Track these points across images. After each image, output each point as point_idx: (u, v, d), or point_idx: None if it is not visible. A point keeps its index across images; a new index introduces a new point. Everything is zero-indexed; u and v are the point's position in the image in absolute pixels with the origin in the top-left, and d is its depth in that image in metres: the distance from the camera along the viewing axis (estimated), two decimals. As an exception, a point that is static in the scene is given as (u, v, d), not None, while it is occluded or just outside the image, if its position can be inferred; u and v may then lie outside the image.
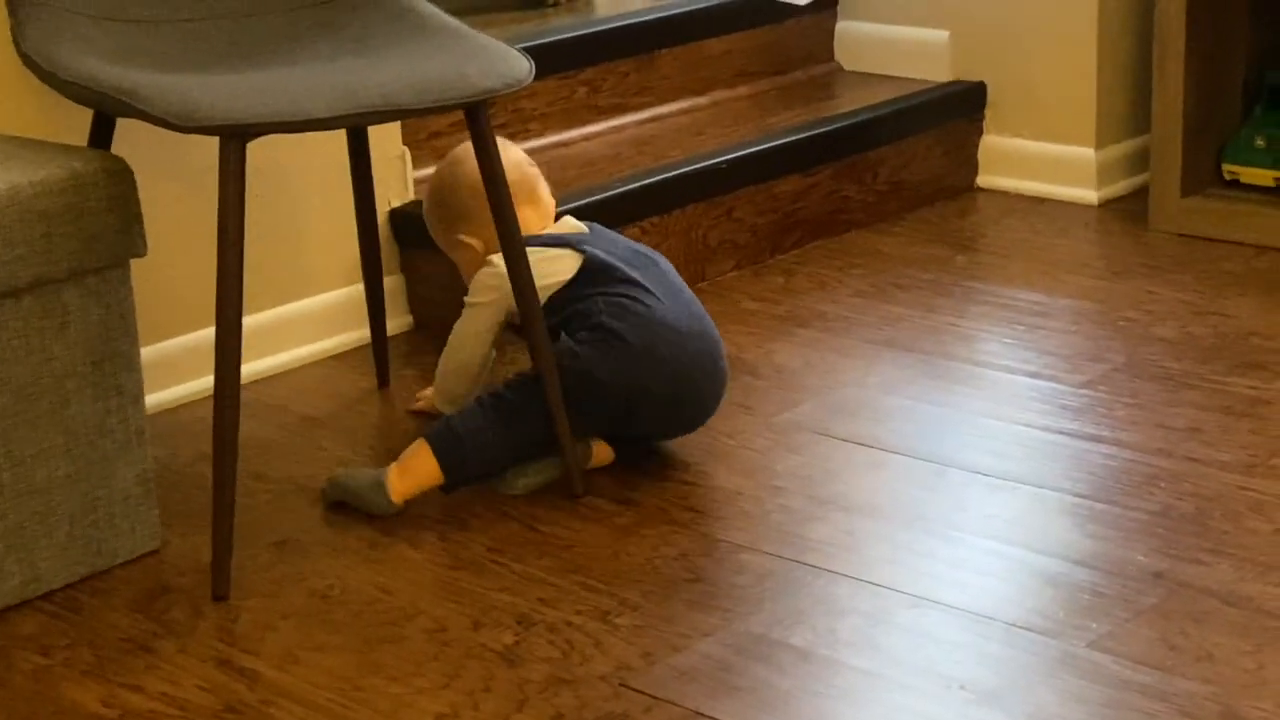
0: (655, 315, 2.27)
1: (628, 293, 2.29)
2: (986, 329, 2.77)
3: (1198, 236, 3.11)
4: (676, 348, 2.27)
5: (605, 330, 2.26)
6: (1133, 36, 3.30)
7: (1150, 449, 2.33)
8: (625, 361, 2.25)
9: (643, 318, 2.26)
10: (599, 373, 2.25)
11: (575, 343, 2.27)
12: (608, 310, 2.27)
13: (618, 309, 2.27)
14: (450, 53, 2.16)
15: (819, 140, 3.17)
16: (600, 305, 2.28)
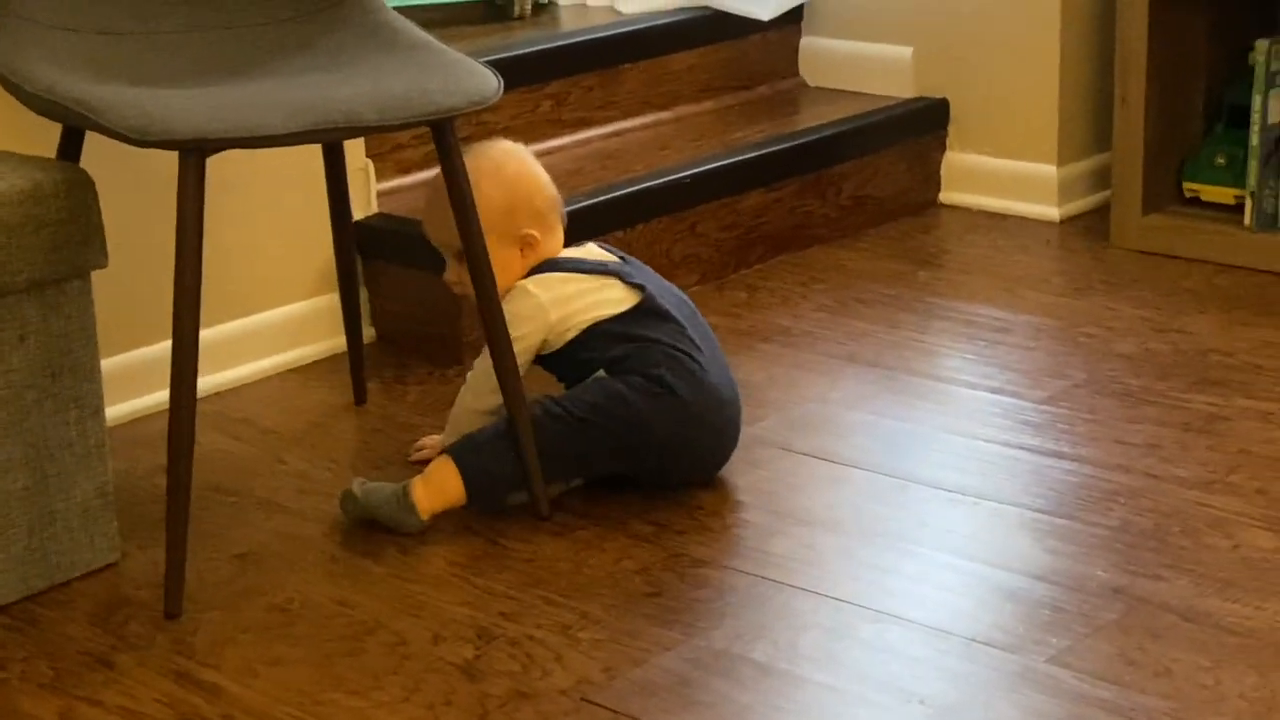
0: (707, 378, 2.25)
1: (683, 346, 2.25)
2: (948, 344, 2.78)
3: (1158, 254, 3.13)
4: (718, 414, 2.27)
5: (664, 385, 2.22)
6: (1095, 55, 3.32)
7: (1110, 465, 2.34)
8: (677, 418, 2.23)
9: (696, 378, 2.24)
10: (652, 423, 2.22)
11: (627, 387, 2.22)
12: (667, 364, 2.23)
13: (676, 364, 2.24)
14: (418, 69, 2.15)
15: (783, 155, 3.18)
16: (658, 356, 2.23)
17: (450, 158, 2.16)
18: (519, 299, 2.29)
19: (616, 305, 2.28)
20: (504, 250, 2.29)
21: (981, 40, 3.37)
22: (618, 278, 2.30)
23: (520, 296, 2.29)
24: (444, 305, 2.75)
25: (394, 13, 2.30)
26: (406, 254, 2.77)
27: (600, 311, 2.27)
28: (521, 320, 2.27)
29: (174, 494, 2.02)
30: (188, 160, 1.99)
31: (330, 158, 2.47)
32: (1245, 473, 2.30)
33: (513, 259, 2.31)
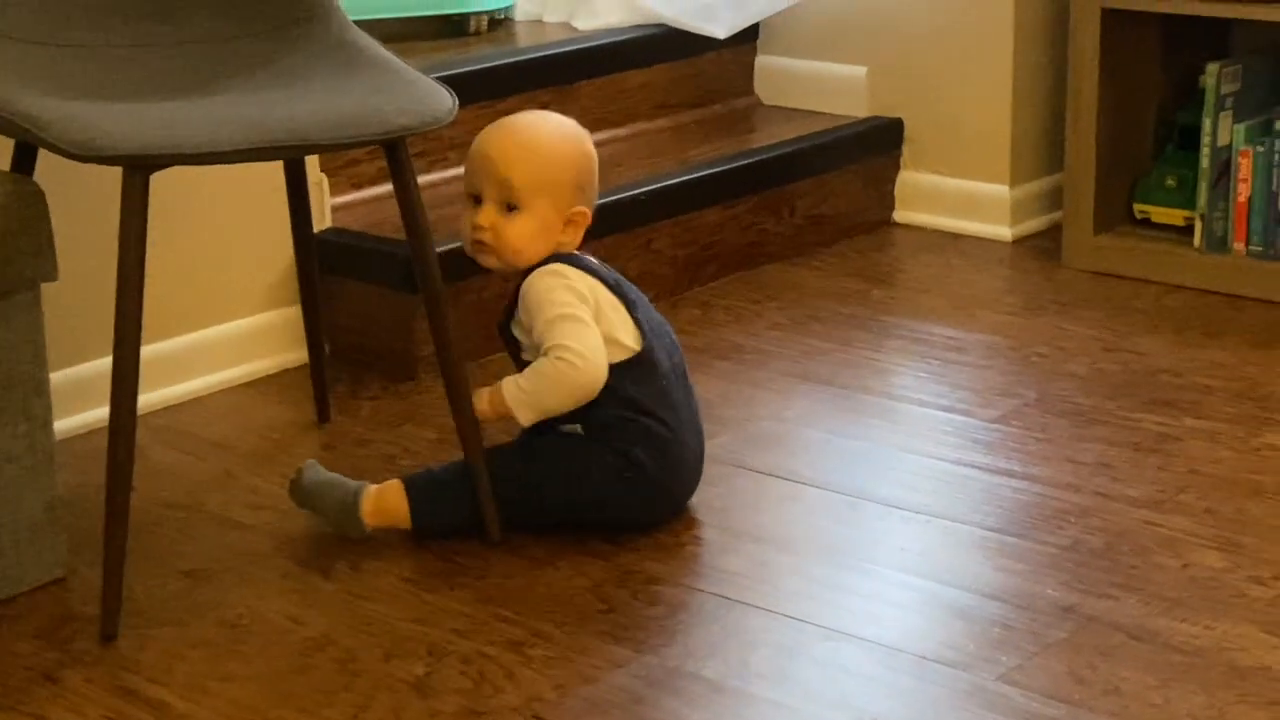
0: (680, 450, 2.20)
1: (664, 415, 2.18)
2: (902, 363, 2.78)
3: (1109, 274, 3.15)
4: (683, 483, 2.25)
5: (635, 465, 2.17)
6: (1047, 76, 3.34)
7: (1060, 484, 2.35)
8: (641, 496, 2.19)
9: (670, 452, 2.19)
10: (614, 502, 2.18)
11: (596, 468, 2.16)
12: (644, 441, 2.17)
13: (652, 440, 2.17)
14: (373, 88, 2.14)
15: (738, 173, 3.18)
16: (636, 434, 2.16)
17: (403, 176, 2.15)
18: (548, 278, 2.16)
19: (622, 349, 2.18)
20: (551, 216, 2.18)
21: (936, 61, 3.38)
22: (630, 313, 2.21)
23: (550, 276, 2.16)
24: (397, 320, 2.74)
25: (358, 31, 2.28)
26: (360, 268, 2.77)
27: (610, 346, 2.17)
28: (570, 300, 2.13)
29: (112, 514, 2.00)
30: (131, 177, 1.97)
31: (291, 172, 2.45)
32: (1194, 492, 2.31)
33: (553, 229, 2.18)
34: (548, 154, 2.19)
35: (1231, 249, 3.07)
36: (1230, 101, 3.05)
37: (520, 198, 2.17)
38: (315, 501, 2.20)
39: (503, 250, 2.19)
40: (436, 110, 2.12)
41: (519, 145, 2.18)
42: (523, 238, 2.18)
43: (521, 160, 2.17)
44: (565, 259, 2.20)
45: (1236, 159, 3.03)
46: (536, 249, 2.19)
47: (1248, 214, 3.04)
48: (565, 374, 2.14)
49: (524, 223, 2.18)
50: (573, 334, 2.14)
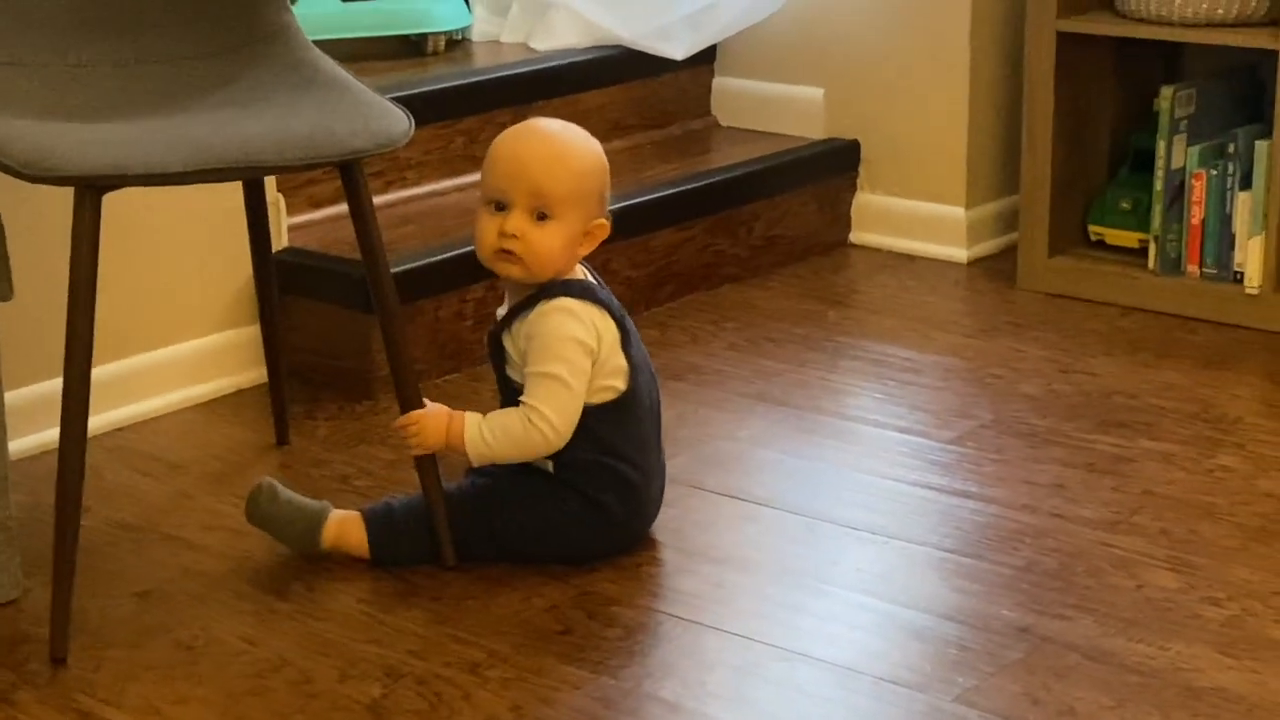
0: (647, 493, 2.20)
1: (638, 460, 2.17)
2: (858, 384, 2.79)
3: (1064, 296, 3.17)
4: (645, 522, 2.24)
5: (602, 510, 2.16)
6: (1003, 99, 3.36)
7: (1016, 505, 2.36)
8: (603, 536, 2.18)
9: (637, 496, 2.18)
10: (577, 546, 2.18)
11: (563, 515, 2.15)
12: (615, 487, 2.16)
13: (623, 486, 2.16)
14: (329, 109, 2.13)
15: (694, 194, 3.19)
16: (608, 480, 2.15)
17: (358, 198, 2.14)
18: (566, 318, 2.12)
19: (611, 390, 2.16)
20: (574, 228, 2.13)
21: (892, 83, 3.40)
22: (624, 344, 2.18)
23: (567, 316, 2.13)
24: (354, 340, 2.74)
25: (317, 51, 2.28)
26: (317, 288, 2.76)
27: (599, 392, 2.15)
28: (564, 347, 2.11)
29: (62, 535, 1.99)
30: (82, 197, 1.96)
31: (250, 191, 2.44)
32: (1149, 513, 2.33)
33: (574, 242, 2.14)
34: (581, 164, 2.15)
35: (1185, 271, 3.09)
36: (1184, 124, 3.07)
37: (554, 207, 2.12)
38: (273, 526, 2.19)
39: (531, 260, 2.13)
40: (392, 132, 2.11)
41: (556, 155, 2.13)
42: (553, 248, 2.12)
43: (559, 170, 2.12)
44: (581, 290, 2.16)
45: (1190, 182, 3.05)
46: (564, 260, 2.15)
47: (1201, 236, 3.06)
48: (533, 442, 2.13)
49: (555, 232, 2.12)
50: (557, 402, 2.11)
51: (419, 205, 3.09)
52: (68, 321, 1.99)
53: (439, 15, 3.38)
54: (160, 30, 2.29)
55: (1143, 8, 3.04)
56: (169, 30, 2.29)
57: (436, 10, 3.38)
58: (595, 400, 2.16)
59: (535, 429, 2.12)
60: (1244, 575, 2.16)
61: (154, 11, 2.29)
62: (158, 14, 2.29)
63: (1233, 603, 2.10)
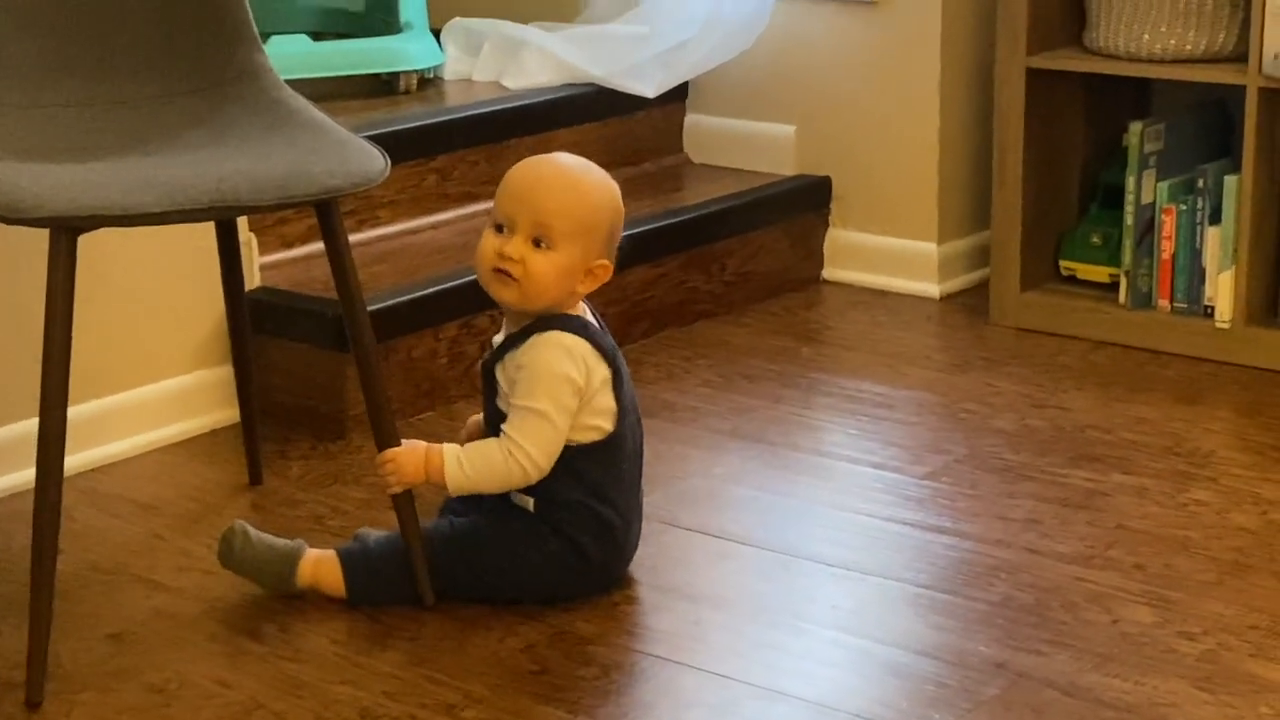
0: (627, 536, 2.20)
1: (619, 503, 2.17)
2: (831, 420, 2.79)
3: (1036, 331, 3.17)
4: (623, 564, 2.24)
5: (581, 554, 2.15)
6: (973, 135, 3.38)
7: (990, 540, 2.36)
8: (581, 580, 2.18)
9: (616, 540, 2.18)
10: (557, 589, 2.17)
11: (543, 558, 2.14)
12: (595, 530, 2.15)
13: (603, 530, 2.16)
14: (304, 148, 2.13)
15: (668, 231, 3.19)
16: (590, 522, 2.15)
17: (335, 237, 2.13)
18: (559, 354, 2.12)
19: (597, 431, 2.15)
20: (574, 261, 2.12)
21: (863, 120, 3.41)
22: (614, 383, 2.17)
23: (560, 351, 2.12)
24: (328, 379, 2.73)
25: (291, 91, 2.27)
26: (289, 327, 2.75)
27: (584, 431, 2.14)
28: (554, 384, 2.10)
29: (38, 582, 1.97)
30: (57, 238, 1.96)
31: (222, 230, 2.43)
32: (1123, 548, 2.33)
33: (576, 276, 2.13)
34: (592, 200, 2.14)
35: (1156, 305, 3.10)
36: (1153, 160, 3.09)
37: (555, 238, 2.11)
38: (247, 568, 2.18)
39: (528, 285, 2.12)
40: (368, 171, 2.11)
41: (566, 186, 2.13)
42: (550, 276, 2.11)
43: (567, 200, 2.12)
44: (577, 326, 2.15)
45: (1160, 217, 3.07)
46: (559, 291, 2.13)
47: (1172, 271, 3.07)
48: (513, 475, 2.12)
49: (553, 261, 2.11)
50: (539, 438, 2.11)
51: (392, 244, 3.08)
52: (44, 363, 1.98)
53: (411, 54, 3.38)
54: (132, 71, 2.29)
55: (1111, 44, 3.06)
56: (140, 71, 2.29)
57: (409, 49, 3.38)
58: (581, 439, 2.15)
59: (515, 462, 2.11)
60: (1219, 609, 2.16)
61: (125, 53, 2.29)
62: (128, 55, 2.29)
63: (1208, 637, 2.10)
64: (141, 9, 2.30)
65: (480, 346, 2.88)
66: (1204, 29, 2.99)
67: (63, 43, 2.26)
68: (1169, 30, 3.00)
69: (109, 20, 2.29)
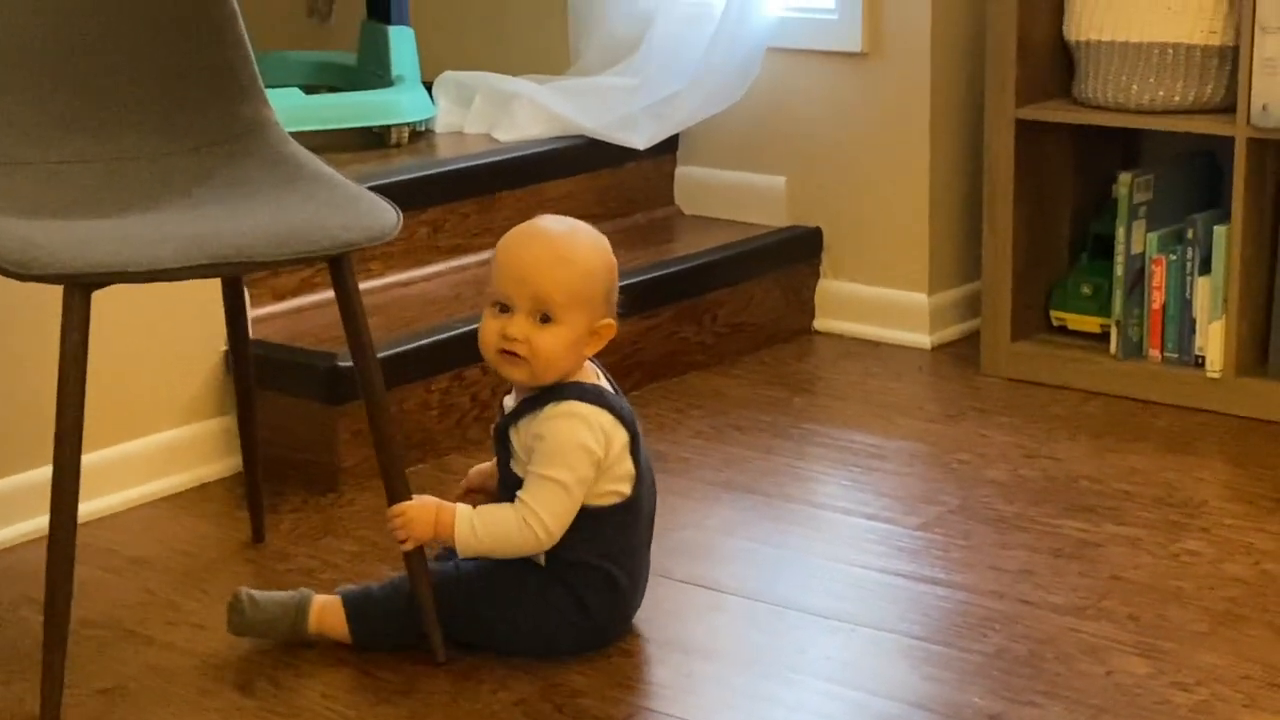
0: (632, 599, 2.20)
1: (629, 566, 2.17)
2: (824, 471, 2.80)
3: (1028, 381, 3.18)
4: (629, 621, 2.24)
5: (588, 613, 2.15)
6: (964, 186, 3.39)
7: (984, 591, 2.36)
8: (584, 638, 2.17)
9: (624, 601, 2.18)
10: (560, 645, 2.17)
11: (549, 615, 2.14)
12: (605, 589, 2.15)
13: (612, 590, 2.16)
14: (317, 203, 2.13)
15: (659, 282, 3.20)
16: (600, 582, 2.14)
17: (347, 291, 2.13)
18: (575, 424, 2.11)
19: (616, 492, 2.15)
20: (580, 330, 2.13)
21: (853, 171, 3.43)
22: (632, 447, 2.16)
23: (577, 422, 2.12)
24: (320, 432, 2.73)
25: (296, 145, 2.28)
26: (281, 380, 2.75)
27: (604, 495, 2.14)
28: (579, 459, 2.10)
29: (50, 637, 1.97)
30: (72, 295, 1.96)
31: (228, 285, 2.42)
32: (1117, 598, 2.33)
33: (579, 344, 2.14)
34: (585, 267, 2.15)
35: (1147, 355, 3.11)
36: (1143, 210, 3.11)
37: (557, 311, 2.11)
38: (260, 629, 2.18)
39: (536, 363, 2.12)
40: (383, 225, 2.11)
41: (559, 259, 2.13)
42: (557, 350, 2.12)
43: (562, 274, 2.12)
44: (593, 395, 2.15)
45: (1150, 267, 3.08)
46: (569, 362, 2.14)
47: (1162, 321, 3.08)
48: (526, 542, 2.12)
49: (559, 335, 2.12)
50: (556, 507, 2.11)
51: (383, 296, 3.09)
52: (57, 420, 1.98)
53: (403, 106, 3.40)
54: (140, 127, 2.29)
55: (1100, 95, 3.08)
56: (149, 127, 2.29)
57: (400, 102, 3.40)
58: (601, 503, 2.15)
59: (529, 530, 2.11)
60: (1212, 660, 2.16)
61: (133, 109, 2.30)
62: (137, 112, 2.30)
63: (1202, 687, 2.10)
64: (149, 65, 2.31)
65: (470, 398, 2.89)
66: (1192, 80, 3.01)
67: (70, 98, 2.27)
68: (1157, 81, 3.02)
69: (117, 76, 2.30)
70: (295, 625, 2.18)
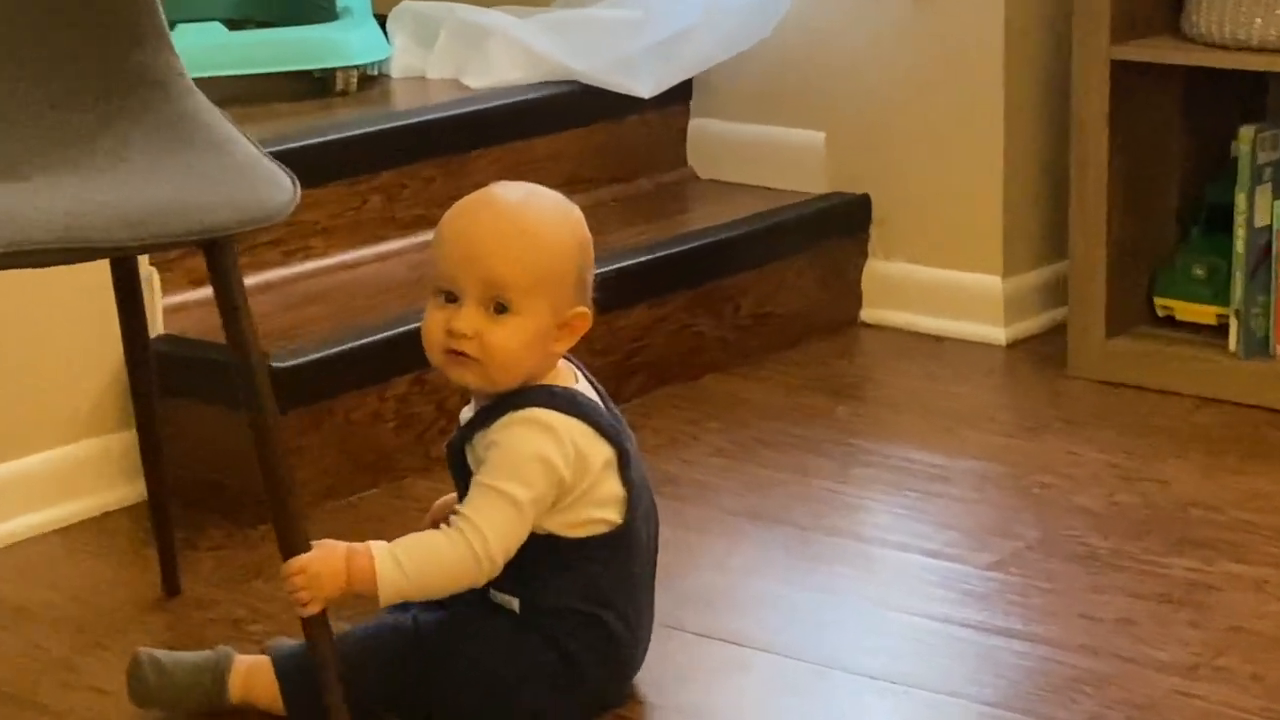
0: (633, 652, 2.20)
1: (626, 611, 2.15)
2: (874, 497, 2.80)
3: (1127, 385, 3.18)
4: (629, 680, 2.23)
5: (577, 669, 2.13)
6: (1047, 144, 3.39)
7: (1072, 645, 2.36)
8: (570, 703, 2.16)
9: (620, 655, 2.17)
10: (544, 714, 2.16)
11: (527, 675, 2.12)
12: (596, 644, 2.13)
13: (607, 643, 2.14)
14: (196, 173, 2.09)
15: (668, 263, 3.21)
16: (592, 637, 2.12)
17: (224, 281, 2.06)
18: (534, 433, 2.09)
19: (601, 520, 2.13)
20: (544, 322, 2.10)
21: (909, 124, 3.43)
22: (620, 465, 2.14)
23: (536, 430, 2.09)
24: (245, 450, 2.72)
25: (203, 99, 2.25)
26: (199, 387, 2.75)
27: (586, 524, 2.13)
28: (535, 472, 2.07)
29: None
30: None
31: (119, 268, 2.40)
32: (1237, 654, 2.33)
33: (544, 339, 2.11)
34: (550, 244, 2.12)
35: (1274, 353, 3.12)
36: (1269, 173, 3.11)
37: (514, 298, 2.08)
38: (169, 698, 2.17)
39: (489, 364, 2.09)
40: (266, 205, 2.06)
41: (517, 233, 2.10)
42: (514, 350, 2.09)
43: (519, 252, 2.09)
44: (564, 401, 2.12)
45: (1277, 242, 3.08)
46: (530, 363, 2.11)
47: (1293, 310, 3.09)
48: (462, 564, 2.07)
49: (517, 330, 2.09)
50: (501, 524, 2.07)
51: (326, 280, 3.09)
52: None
53: (349, 47, 3.40)
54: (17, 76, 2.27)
55: (1216, 31, 3.07)
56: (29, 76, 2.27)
57: (346, 40, 3.40)
58: (582, 533, 2.13)
59: (466, 547, 2.05)
60: (1357, 731, 2.17)
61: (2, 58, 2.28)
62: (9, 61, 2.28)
63: (1344, 765, 2.10)
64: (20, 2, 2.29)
65: (435, 406, 2.89)
66: (1330, 11, 3.01)
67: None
68: (1287, 13, 3.02)
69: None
70: (213, 693, 2.17)
